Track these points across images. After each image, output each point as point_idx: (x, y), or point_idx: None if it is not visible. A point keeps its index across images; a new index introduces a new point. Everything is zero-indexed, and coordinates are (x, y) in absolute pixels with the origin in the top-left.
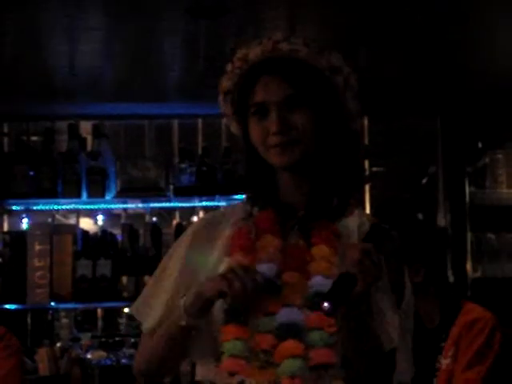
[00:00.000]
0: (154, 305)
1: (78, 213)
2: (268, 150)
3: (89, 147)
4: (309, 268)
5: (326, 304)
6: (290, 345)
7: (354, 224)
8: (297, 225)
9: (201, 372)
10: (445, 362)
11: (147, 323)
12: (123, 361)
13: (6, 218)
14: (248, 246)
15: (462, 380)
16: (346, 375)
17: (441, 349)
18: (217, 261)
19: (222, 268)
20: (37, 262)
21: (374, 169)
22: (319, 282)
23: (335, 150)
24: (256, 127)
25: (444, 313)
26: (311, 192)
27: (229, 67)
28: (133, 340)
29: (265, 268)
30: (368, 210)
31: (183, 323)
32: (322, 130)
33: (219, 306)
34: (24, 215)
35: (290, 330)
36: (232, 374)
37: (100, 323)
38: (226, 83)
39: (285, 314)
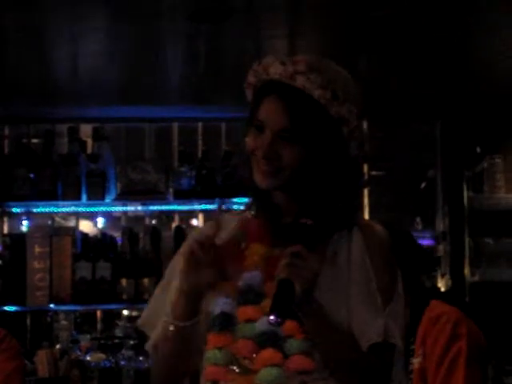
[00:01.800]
0: (161, 319)
1: (78, 215)
2: (255, 166)
3: (89, 150)
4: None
5: (272, 317)
6: (268, 354)
7: (343, 232)
8: (285, 230)
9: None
10: (416, 360)
11: (153, 337)
12: (122, 363)
13: (5, 220)
14: (236, 254)
15: (434, 373)
16: (331, 375)
17: (411, 351)
18: None
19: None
20: (36, 264)
21: (373, 173)
22: None
23: (324, 183)
24: (251, 138)
25: (412, 316)
26: (299, 206)
27: (255, 66)
28: (132, 342)
29: (249, 276)
30: (367, 214)
31: (171, 328)
32: (310, 166)
33: (202, 319)
34: (24, 217)
35: (269, 339)
36: (214, 382)
37: (99, 325)
38: (250, 78)
39: (265, 323)
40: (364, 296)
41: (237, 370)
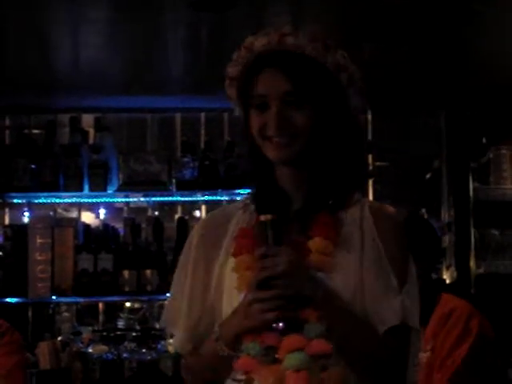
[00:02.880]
0: (181, 317)
1: (80, 206)
2: (265, 143)
3: (91, 140)
4: (307, 261)
5: (280, 324)
6: (292, 339)
7: (356, 214)
8: (295, 218)
9: None
10: (424, 355)
11: (179, 339)
12: (124, 355)
13: (7, 211)
14: (252, 245)
15: (442, 366)
16: (347, 362)
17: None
18: (223, 261)
19: (228, 268)
20: (38, 256)
21: (378, 163)
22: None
23: (336, 146)
24: (256, 119)
25: (422, 307)
26: (309, 185)
27: (235, 55)
28: (134, 334)
29: None
30: None
31: (223, 353)
32: (321, 127)
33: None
34: (25, 208)
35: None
36: (246, 373)
37: (101, 317)
38: (231, 69)
39: None
40: (378, 277)
41: (265, 361)
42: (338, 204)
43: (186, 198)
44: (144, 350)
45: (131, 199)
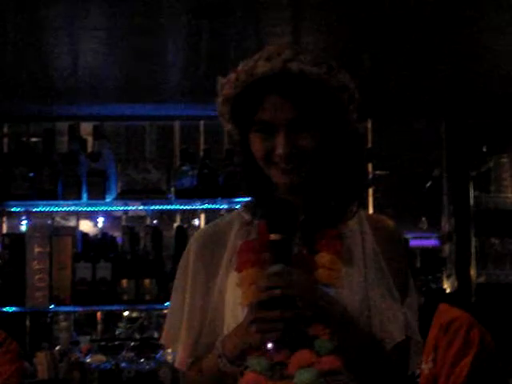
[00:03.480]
0: (181, 330)
1: (78, 215)
2: (271, 168)
3: (89, 148)
4: (314, 276)
5: (269, 345)
6: (302, 354)
7: (355, 226)
8: (298, 232)
9: None
10: (426, 366)
11: (178, 357)
12: (123, 365)
13: (5, 219)
14: (256, 259)
15: (447, 381)
16: (355, 378)
17: None
18: (223, 276)
19: (229, 283)
20: (36, 265)
21: (378, 172)
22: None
23: (339, 163)
24: (260, 144)
25: (419, 318)
26: (309, 198)
27: (232, 76)
28: (132, 343)
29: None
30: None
31: (227, 369)
32: (327, 148)
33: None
34: (23, 217)
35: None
36: None
37: (99, 327)
38: (228, 91)
39: None
40: (382, 292)
41: (273, 376)
42: (338, 217)
43: (185, 207)
44: (142, 360)
45: (130, 208)
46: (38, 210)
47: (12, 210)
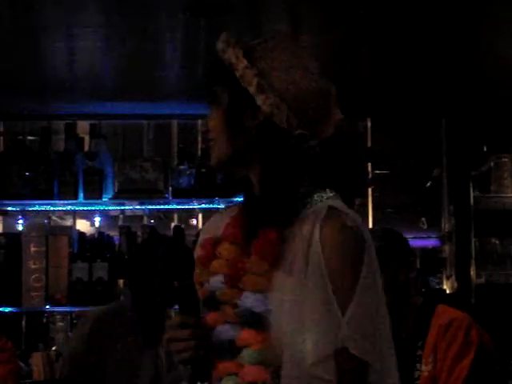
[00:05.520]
0: None
1: (75, 214)
2: None
3: (86, 147)
4: (242, 283)
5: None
6: (225, 364)
7: (305, 230)
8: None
9: None
10: (426, 368)
11: None
12: None
13: (1, 219)
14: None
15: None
16: None
17: (418, 357)
18: None
19: None
20: (32, 265)
21: (378, 172)
22: (247, 299)
23: (269, 156)
24: None
25: (417, 319)
26: (248, 194)
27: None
28: None
29: (213, 281)
30: (371, 213)
31: None
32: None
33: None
34: (19, 216)
35: (224, 349)
36: None
37: None
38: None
39: (221, 331)
40: (315, 304)
41: None
42: (285, 219)
43: (183, 206)
44: None
45: (127, 207)
46: (34, 209)
47: (8, 209)
